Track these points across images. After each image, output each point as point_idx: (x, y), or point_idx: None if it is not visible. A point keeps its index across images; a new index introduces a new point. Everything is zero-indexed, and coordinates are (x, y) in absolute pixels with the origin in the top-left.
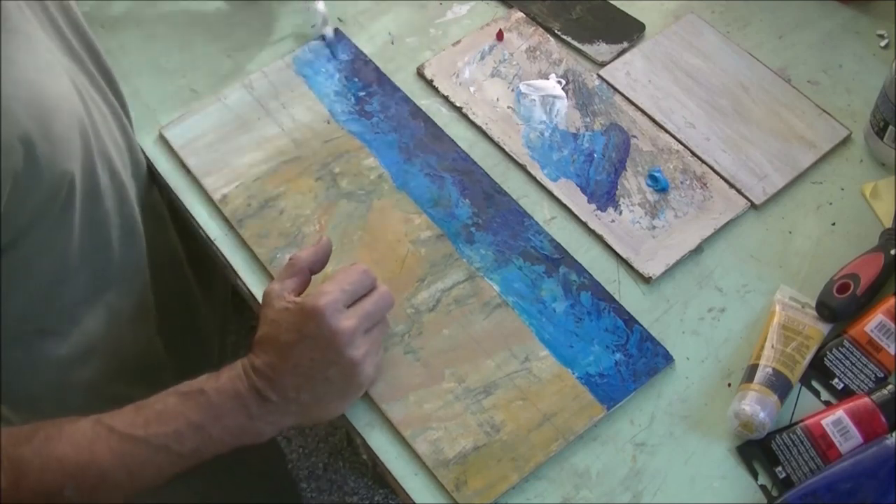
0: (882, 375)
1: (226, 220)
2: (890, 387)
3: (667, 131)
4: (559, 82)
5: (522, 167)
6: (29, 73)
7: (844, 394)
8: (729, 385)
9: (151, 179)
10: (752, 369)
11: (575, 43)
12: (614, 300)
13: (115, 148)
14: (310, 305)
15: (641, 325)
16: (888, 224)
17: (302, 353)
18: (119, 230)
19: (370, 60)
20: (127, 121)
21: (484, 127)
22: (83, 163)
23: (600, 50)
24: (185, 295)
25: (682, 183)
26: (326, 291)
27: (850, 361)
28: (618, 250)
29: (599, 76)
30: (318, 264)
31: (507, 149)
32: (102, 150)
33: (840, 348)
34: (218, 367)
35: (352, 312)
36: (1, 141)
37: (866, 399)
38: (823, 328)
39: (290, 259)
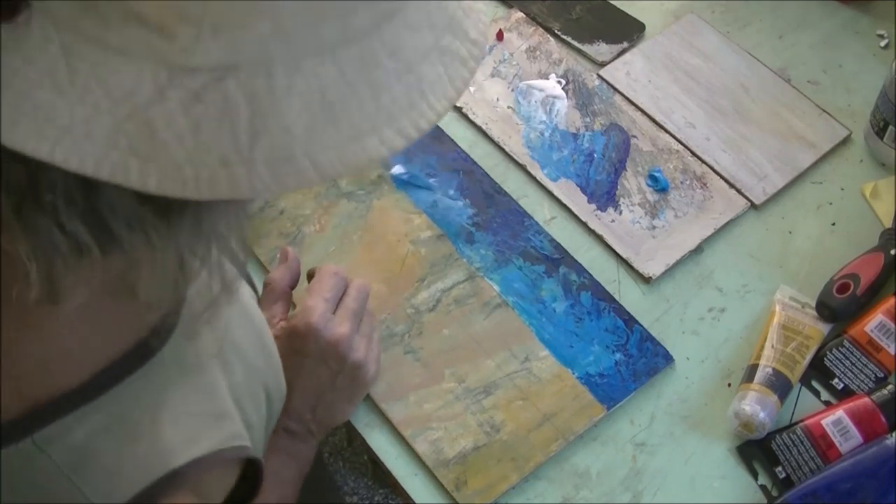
0: (882, 375)
1: None
2: (890, 387)
3: (667, 131)
4: (559, 82)
5: (522, 167)
6: (243, 299)
7: (844, 394)
8: (729, 385)
9: None
10: (752, 369)
11: (575, 43)
12: (614, 300)
13: None
14: (302, 325)
15: (641, 325)
16: (888, 224)
17: (308, 375)
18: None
19: None
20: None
21: (484, 127)
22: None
23: (600, 50)
24: None
25: (682, 183)
26: (312, 307)
27: (850, 361)
28: (618, 250)
29: (599, 76)
30: (294, 280)
31: (507, 149)
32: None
33: (840, 348)
34: None
35: (341, 317)
36: (255, 402)
37: (866, 399)
38: (823, 328)
39: (268, 284)
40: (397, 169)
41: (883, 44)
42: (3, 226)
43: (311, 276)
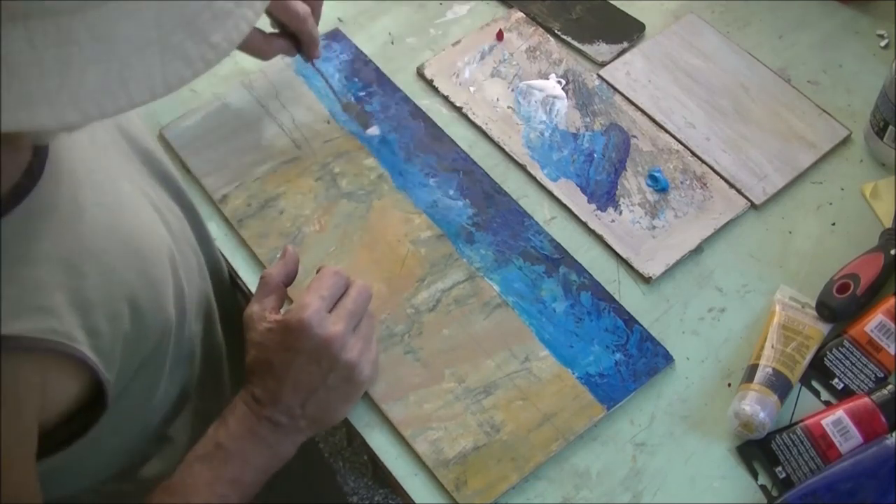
0: (882, 375)
1: (226, 220)
2: (890, 387)
3: (667, 131)
4: (559, 82)
5: (522, 167)
6: (125, 219)
7: (844, 394)
8: (729, 385)
9: (229, 276)
10: (752, 369)
11: (575, 43)
12: (614, 300)
13: (194, 254)
14: (295, 321)
15: (641, 325)
16: (888, 224)
17: (299, 370)
18: (202, 346)
19: (370, 61)
20: (196, 212)
21: (484, 127)
22: (175, 298)
23: (600, 50)
24: None
25: (682, 183)
26: (307, 303)
27: (850, 361)
28: (618, 250)
29: (599, 76)
30: (291, 276)
31: (507, 149)
32: (186, 265)
33: (840, 348)
34: None
35: (336, 316)
36: (110, 311)
37: (866, 399)
38: (823, 328)
39: (263, 278)
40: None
41: (883, 44)
42: None
43: (318, 272)
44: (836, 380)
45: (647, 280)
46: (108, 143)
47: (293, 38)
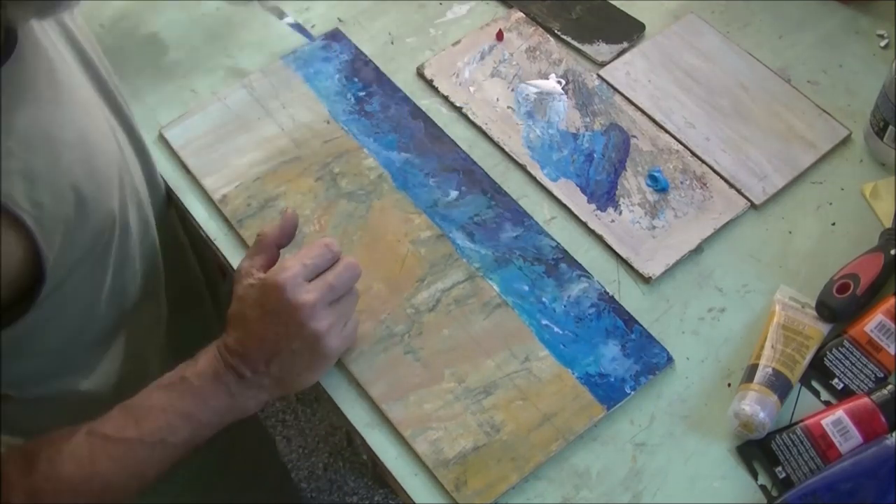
0: (882, 375)
1: (226, 220)
2: (890, 387)
3: (667, 131)
4: (559, 82)
5: (522, 167)
6: (75, 113)
7: (844, 394)
8: (729, 385)
9: (170, 205)
10: (752, 369)
11: (575, 43)
12: (614, 300)
13: (139, 178)
14: (271, 281)
15: (641, 325)
16: (888, 224)
17: (266, 328)
18: (142, 263)
19: (370, 60)
20: (143, 144)
21: (484, 127)
22: (119, 204)
23: (600, 50)
24: (203, 319)
25: (682, 183)
26: (287, 267)
27: (850, 361)
28: (618, 250)
29: (599, 76)
30: (286, 238)
31: (507, 149)
32: (130, 182)
33: (840, 348)
34: None
35: (313, 286)
36: (55, 191)
37: (866, 399)
38: (823, 328)
39: (258, 236)
40: (288, 19)
41: (883, 44)
42: None
43: None
44: (835, 380)
45: (646, 280)
46: (66, 53)
47: None
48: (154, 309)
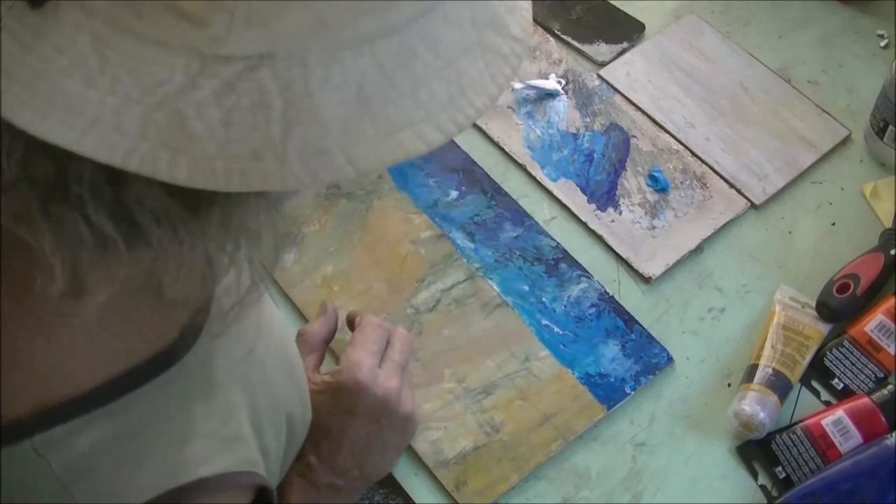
0: (882, 375)
1: None
2: (890, 387)
3: (667, 131)
4: (559, 82)
5: (522, 167)
6: (268, 319)
7: (844, 394)
8: (729, 385)
9: None
10: (752, 369)
11: (575, 43)
12: (614, 300)
13: None
14: (351, 382)
15: (641, 325)
16: (888, 224)
17: (356, 431)
18: None
19: None
20: None
21: (484, 127)
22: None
23: (600, 50)
24: None
25: (682, 183)
26: (359, 362)
27: (850, 361)
28: (618, 250)
29: (599, 76)
30: (331, 333)
31: (507, 149)
32: None
33: (840, 348)
34: None
35: (389, 371)
36: (276, 432)
37: (866, 399)
38: (823, 328)
39: (302, 336)
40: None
41: (883, 44)
42: (29, 219)
43: (350, 319)
44: (836, 380)
45: (647, 280)
46: None
47: None
48: None
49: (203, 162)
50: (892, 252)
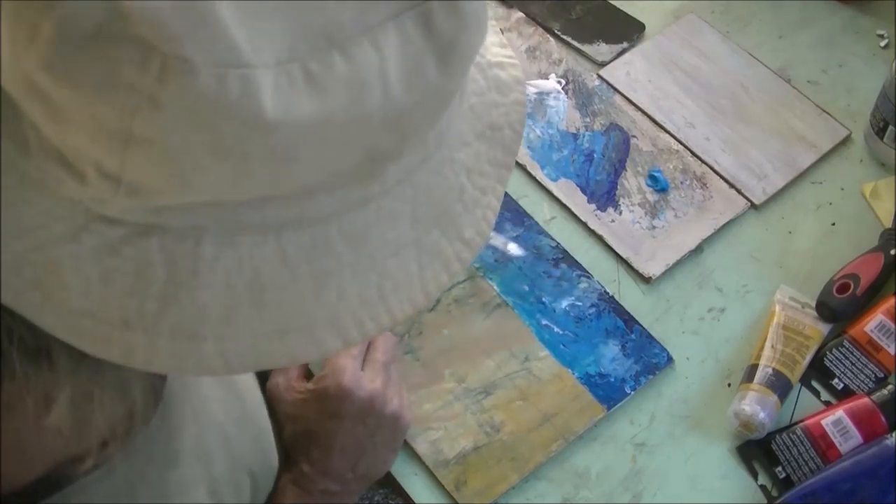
0: (882, 375)
1: None
2: (890, 387)
3: (667, 131)
4: (559, 82)
5: (522, 167)
6: (234, 382)
7: (844, 394)
8: (729, 385)
9: None
10: (752, 369)
11: (575, 43)
12: (614, 300)
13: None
14: (334, 387)
15: (641, 325)
16: (888, 224)
17: (345, 435)
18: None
19: None
20: None
21: None
22: (276, 441)
23: (600, 50)
24: None
25: (682, 183)
26: (342, 367)
27: (850, 361)
28: (618, 250)
29: (599, 76)
30: None
31: None
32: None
33: (840, 348)
34: None
35: (372, 372)
36: (237, 489)
37: (866, 399)
38: (823, 328)
39: None
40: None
41: (883, 44)
42: None
43: None
44: (836, 380)
45: (647, 280)
46: None
47: None
48: None
49: (70, 317)
50: (892, 252)
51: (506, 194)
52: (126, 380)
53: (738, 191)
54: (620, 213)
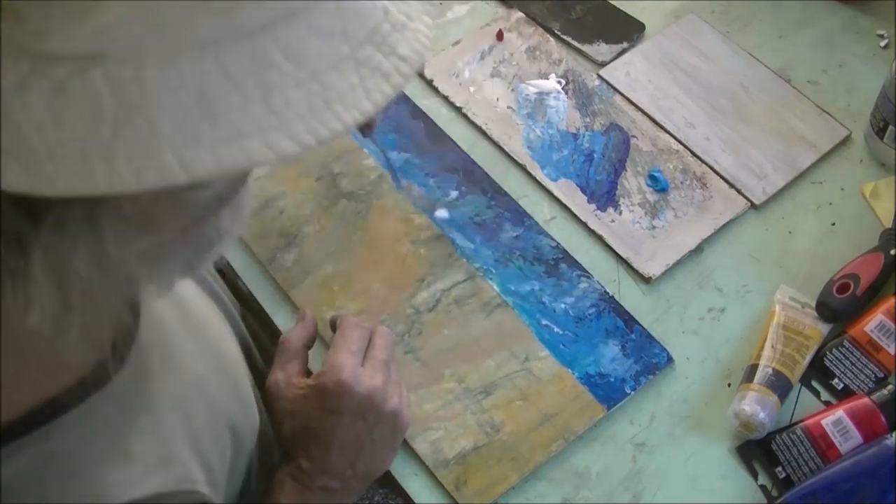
0: (882, 375)
1: None
2: (890, 387)
3: (667, 131)
4: (559, 82)
5: (522, 167)
6: (209, 337)
7: (844, 394)
8: (729, 385)
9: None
10: (752, 369)
11: (575, 43)
12: (614, 300)
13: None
14: (333, 383)
15: (641, 325)
16: (888, 224)
17: (344, 431)
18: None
19: None
20: (231, 310)
21: (484, 127)
22: (256, 401)
23: (600, 50)
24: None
25: (682, 183)
26: (340, 363)
27: (850, 361)
28: (618, 250)
29: (599, 76)
30: (311, 338)
31: (507, 149)
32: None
33: (840, 348)
34: None
35: (371, 369)
36: (218, 445)
37: (866, 399)
38: (823, 328)
39: (282, 343)
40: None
41: (883, 44)
42: None
43: (332, 323)
44: (836, 380)
45: (647, 280)
46: None
47: None
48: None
49: (33, 164)
50: (892, 252)
51: (506, 194)
52: (98, 300)
53: (738, 191)
54: (620, 213)
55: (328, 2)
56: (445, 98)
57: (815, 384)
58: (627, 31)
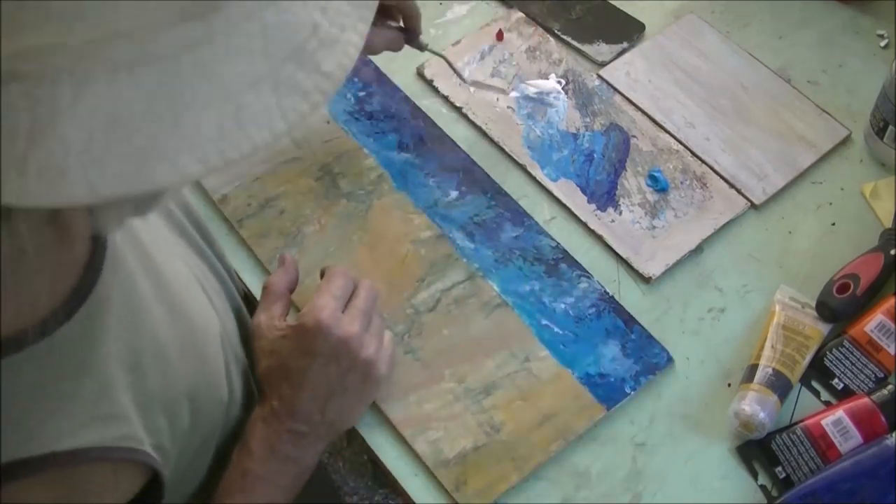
0: (882, 375)
1: (226, 219)
2: (890, 387)
3: (667, 131)
4: (559, 82)
5: (522, 167)
6: (182, 309)
7: (844, 394)
8: (729, 385)
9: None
10: (752, 369)
11: (575, 43)
12: (614, 300)
13: (231, 325)
14: (311, 323)
15: (641, 325)
16: (888, 224)
17: (317, 374)
18: (241, 414)
19: (370, 60)
20: (231, 281)
21: (484, 127)
22: (227, 382)
23: (600, 50)
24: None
25: (682, 183)
26: (322, 305)
27: (850, 361)
28: (618, 250)
29: (599, 76)
30: (293, 283)
31: (507, 149)
32: (229, 341)
33: (840, 348)
34: None
35: (350, 316)
36: (171, 409)
37: (866, 399)
38: (823, 328)
39: (266, 286)
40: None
41: (883, 44)
42: None
43: (322, 273)
44: (836, 380)
45: (646, 280)
46: (160, 217)
47: (400, 31)
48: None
49: None
50: (892, 252)
51: (506, 194)
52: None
53: (738, 191)
54: (620, 213)
55: (251, 23)
56: (445, 98)
57: (815, 384)
58: (627, 31)
